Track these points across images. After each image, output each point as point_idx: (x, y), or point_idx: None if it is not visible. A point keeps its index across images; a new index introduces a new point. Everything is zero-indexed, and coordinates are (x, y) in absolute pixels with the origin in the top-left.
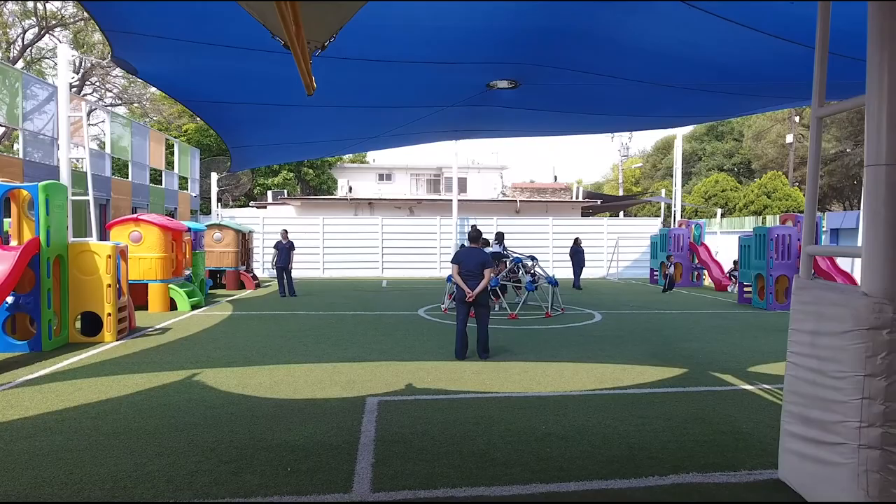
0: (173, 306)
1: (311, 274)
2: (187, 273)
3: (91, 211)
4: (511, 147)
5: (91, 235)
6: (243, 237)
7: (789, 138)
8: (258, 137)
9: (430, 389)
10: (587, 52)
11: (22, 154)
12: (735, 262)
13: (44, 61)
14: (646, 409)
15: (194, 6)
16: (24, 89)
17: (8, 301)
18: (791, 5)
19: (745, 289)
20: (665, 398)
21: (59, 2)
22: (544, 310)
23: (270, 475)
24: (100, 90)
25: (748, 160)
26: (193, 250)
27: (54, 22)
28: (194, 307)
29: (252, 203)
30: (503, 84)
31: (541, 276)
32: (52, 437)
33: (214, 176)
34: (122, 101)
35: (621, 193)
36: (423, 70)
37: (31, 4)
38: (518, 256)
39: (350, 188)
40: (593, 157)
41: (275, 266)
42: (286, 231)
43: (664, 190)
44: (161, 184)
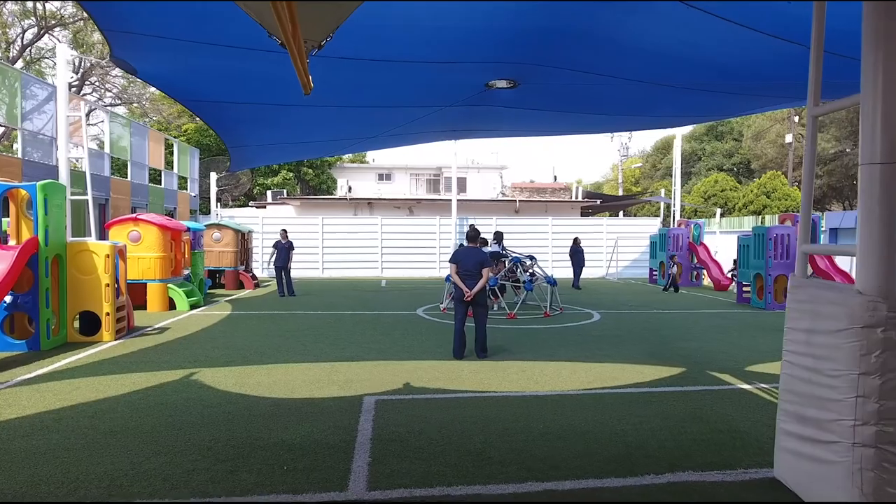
0: (172, 306)
1: (311, 274)
2: (186, 273)
3: (90, 210)
4: (511, 147)
5: (90, 235)
6: (242, 237)
7: (788, 138)
8: (257, 137)
9: (428, 389)
10: (586, 52)
11: (21, 154)
12: (735, 262)
13: (43, 61)
14: (643, 409)
15: (193, 6)
16: (24, 89)
17: (6, 300)
18: (789, 5)
19: (744, 288)
20: (662, 397)
21: (59, 1)
22: (543, 309)
23: (267, 474)
24: (99, 90)
25: (748, 160)
26: (192, 250)
27: (53, 22)
28: (193, 307)
29: (251, 203)
30: (502, 84)
31: (539, 276)
32: (49, 436)
33: (214, 176)
34: (122, 101)
35: (621, 193)
36: (422, 70)
37: (31, 4)
38: (517, 256)
39: (349, 188)
40: (593, 157)
41: (271, 264)
42: (285, 231)
43: (663, 190)
44: (160, 183)
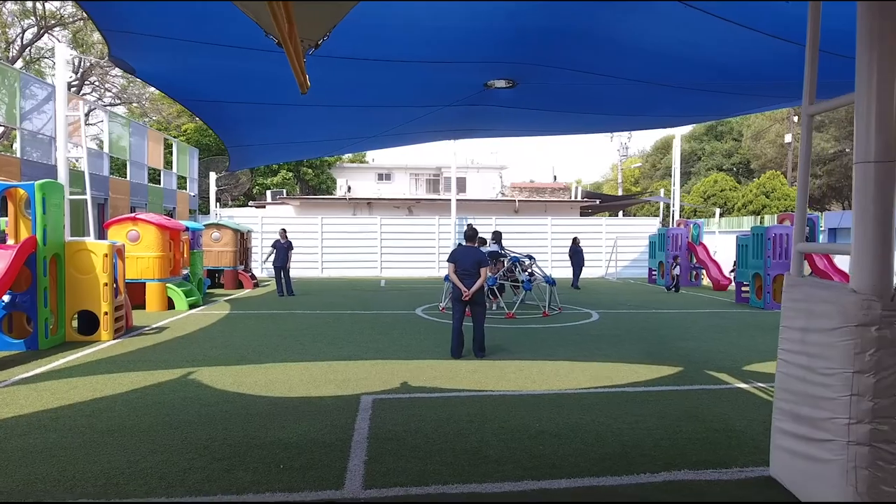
0: (171, 305)
1: (310, 273)
2: (185, 272)
3: (89, 210)
4: (510, 147)
5: (89, 234)
6: (242, 237)
7: (788, 138)
8: (257, 137)
9: (425, 388)
10: (585, 52)
11: (20, 153)
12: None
13: (43, 61)
14: (640, 408)
15: (192, 6)
16: (23, 89)
17: (4, 300)
18: (788, 6)
19: (743, 288)
20: (659, 396)
21: (58, 1)
22: (542, 309)
23: (263, 472)
24: (99, 90)
25: (747, 160)
26: (191, 249)
27: (53, 21)
28: (192, 306)
29: (251, 203)
30: (501, 83)
31: (538, 276)
32: (46, 435)
33: (213, 175)
34: (122, 101)
35: (620, 193)
36: (422, 69)
37: (31, 4)
38: (516, 256)
39: (349, 188)
40: (593, 157)
41: (269, 261)
42: (285, 230)
43: (663, 190)
44: (160, 183)
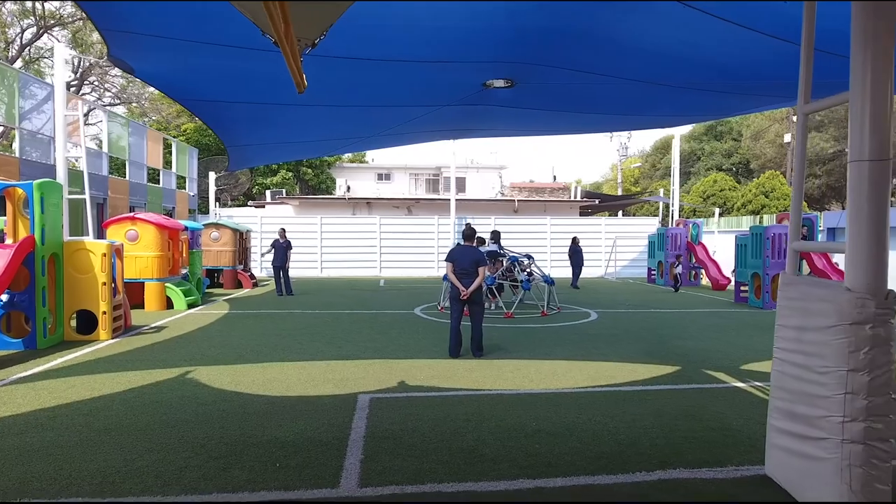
0: (170, 305)
1: (309, 273)
2: (184, 272)
3: (88, 210)
4: (510, 147)
5: (88, 234)
6: (241, 236)
7: (787, 138)
8: (256, 136)
9: (423, 387)
10: (585, 52)
11: (18, 153)
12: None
13: (42, 61)
14: (637, 407)
15: (191, 6)
16: (22, 89)
17: (3, 299)
18: (787, 6)
19: (742, 288)
20: (657, 395)
21: (58, 1)
22: (540, 309)
23: (259, 471)
24: (98, 90)
25: (747, 160)
26: (190, 249)
27: (52, 21)
28: (191, 306)
29: (250, 202)
30: (499, 83)
31: (537, 275)
32: (43, 434)
33: (212, 175)
34: (121, 101)
35: (620, 193)
36: (420, 69)
37: (30, 4)
38: (514, 255)
39: (348, 188)
40: (592, 157)
41: (266, 256)
42: (284, 230)
43: (662, 190)
44: (159, 183)
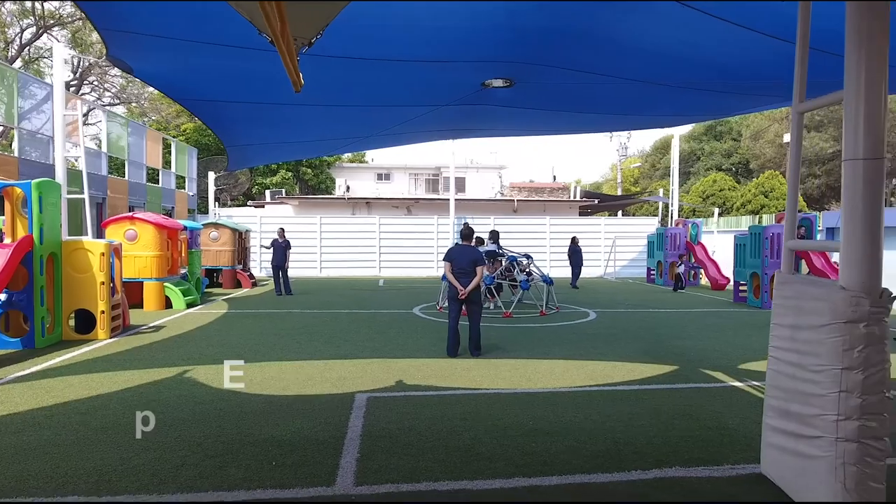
0: (169, 304)
1: (309, 273)
2: (183, 272)
3: (86, 209)
4: (510, 147)
5: (87, 234)
6: (240, 236)
7: (787, 137)
8: (255, 136)
9: (420, 386)
10: (584, 52)
11: (17, 152)
12: None
13: (42, 60)
14: (634, 406)
15: (189, 6)
16: (22, 89)
17: (1, 298)
18: (785, 6)
19: (741, 287)
20: (654, 395)
21: (57, 1)
22: (539, 308)
23: (255, 469)
24: (98, 89)
25: (746, 160)
26: (189, 249)
27: (52, 21)
28: (189, 305)
29: (250, 202)
30: (498, 83)
31: (535, 275)
32: (40, 432)
33: (212, 175)
34: (121, 101)
35: (620, 193)
36: (420, 69)
37: (30, 4)
38: (513, 255)
39: (347, 187)
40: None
41: (267, 251)
42: (283, 230)
43: (662, 189)
44: (158, 183)
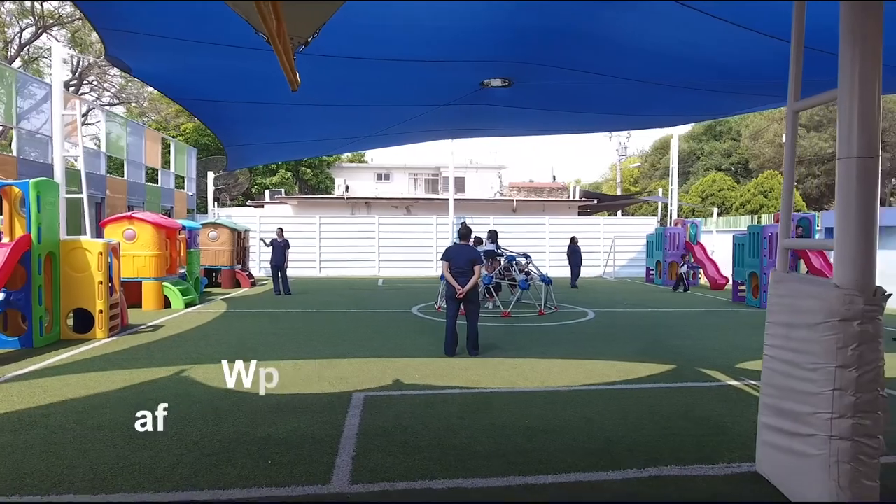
0: (167, 304)
1: (308, 273)
2: (182, 271)
3: (85, 209)
4: (510, 147)
5: (86, 233)
6: (239, 236)
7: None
8: (254, 136)
9: (418, 385)
10: (583, 52)
11: (16, 152)
12: None
13: (41, 60)
14: (631, 405)
15: (188, 6)
16: (21, 88)
17: None
18: (785, 6)
19: (740, 287)
20: (650, 394)
21: (57, 1)
22: (538, 308)
23: (251, 467)
24: (97, 89)
25: (746, 159)
26: (188, 248)
27: (51, 21)
28: (188, 305)
29: (249, 202)
30: (497, 83)
31: (534, 275)
32: (37, 431)
33: (211, 175)
34: (120, 101)
35: (619, 193)
36: (419, 68)
37: (29, 4)
38: (512, 254)
39: (347, 187)
40: (592, 157)
41: (267, 248)
42: (281, 229)
43: (661, 189)
44: (157, 182)
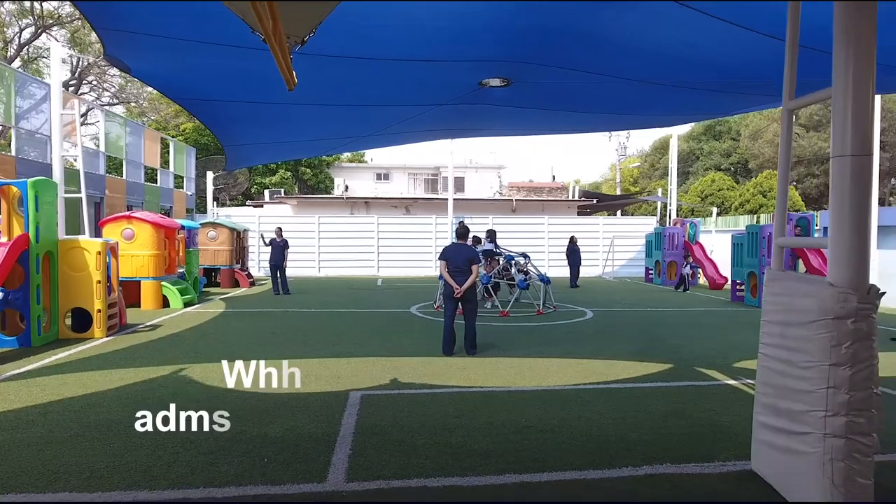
0: (166, 304)
1: (307, 273)
2: (180, 271)
3: (84, 208)
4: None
5: (85, 233)
6: (238, 235)
7: None
8: (254, 136)
9: (415, 384)
10: (583, 51)
11: (15, 152)
12: None
13: (40, 60)
14: (628, 404)
15: (188, 5)
16: (20, 88)
17: None
18: (783, 6)
19: (738, 287)
20: (647, 393)
21: (56, 1)
22: (536, 307)
23: (247, 466)
24: (97, 89)
25: (745, 159)
26: (187, 248)
27: (51, 21)
28: (187, 304)
29: (249, 202)
30: (495, 82)
31: (533, 274)
32: (34, 429)
33: (210, 175)
34: (120, 101)
35: (618, 193)
36: (417, 68)
37: (28, 4)
38: (511, 254)
39: (346, 187)
40: (591, 157)
41: (267, 246)
42: (281, 229)
43: (661, 189)
44: (157, 182)
